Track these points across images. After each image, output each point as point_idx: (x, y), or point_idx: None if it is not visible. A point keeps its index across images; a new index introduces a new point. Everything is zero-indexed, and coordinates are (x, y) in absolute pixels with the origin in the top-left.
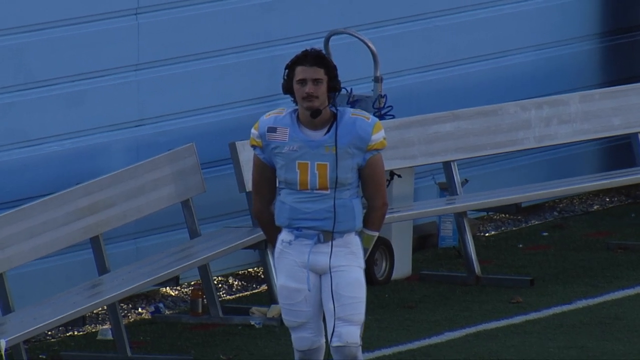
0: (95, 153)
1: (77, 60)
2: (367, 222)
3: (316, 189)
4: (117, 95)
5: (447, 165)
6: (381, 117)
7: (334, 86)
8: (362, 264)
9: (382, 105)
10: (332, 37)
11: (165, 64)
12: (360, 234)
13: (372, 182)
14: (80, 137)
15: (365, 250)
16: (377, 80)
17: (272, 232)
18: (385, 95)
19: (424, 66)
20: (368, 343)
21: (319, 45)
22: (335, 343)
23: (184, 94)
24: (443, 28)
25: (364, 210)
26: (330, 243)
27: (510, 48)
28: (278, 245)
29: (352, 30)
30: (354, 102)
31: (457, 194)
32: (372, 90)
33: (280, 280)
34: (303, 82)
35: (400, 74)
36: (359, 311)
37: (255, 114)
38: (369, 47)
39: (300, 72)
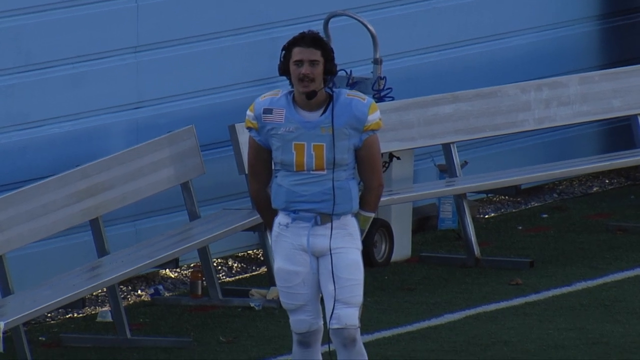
0: (94, 135)
1: (76, 42)
2: (363, 203)
3: (313, 170)
4: (117, 77)
5: (446, 147)
6: (380, 99)
7: (330, 69)
8: (360, 246)
9: (381, 87)
10: (332, 19)
11: (164, 46)
12: (356, 215)
13: (368, 163)
14: (80, 119)
15: (361, 231)
16: (377, 62)
17: (268, 215)
18: (384, 77)
19: (423, 48)
20: (367, 325)
21: (318, 27)
22: (334, 325)
23: (184, 76)
24: (442, 10)
25: (360, 192)
26: (327, 225)
27: (509, 30)
28: (275, 228)
29: (352, 12)
30: (353, 84)
31: (456, 176)
32: (372, 72)
33: (277, 263)
34: (300, 63)
35: (400, 56)
36: (357, 293)
37: (254, 96)
38: (368, 29)
39: (297, 53)
